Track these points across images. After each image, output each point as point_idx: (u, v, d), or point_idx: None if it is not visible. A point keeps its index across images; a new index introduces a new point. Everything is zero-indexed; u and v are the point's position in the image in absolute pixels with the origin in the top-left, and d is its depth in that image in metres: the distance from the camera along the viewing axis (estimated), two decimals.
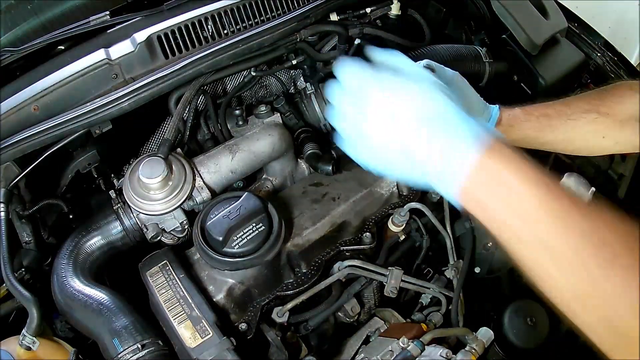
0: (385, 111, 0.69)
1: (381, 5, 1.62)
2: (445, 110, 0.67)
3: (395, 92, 0.69)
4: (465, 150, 0.64)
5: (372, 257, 1.22)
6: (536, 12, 1.62)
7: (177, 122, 1.23)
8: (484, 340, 1.06)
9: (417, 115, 0.68)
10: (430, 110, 0.68)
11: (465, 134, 0.65)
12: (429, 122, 0.67)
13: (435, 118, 0.67)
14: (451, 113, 0.67)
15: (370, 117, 0.70)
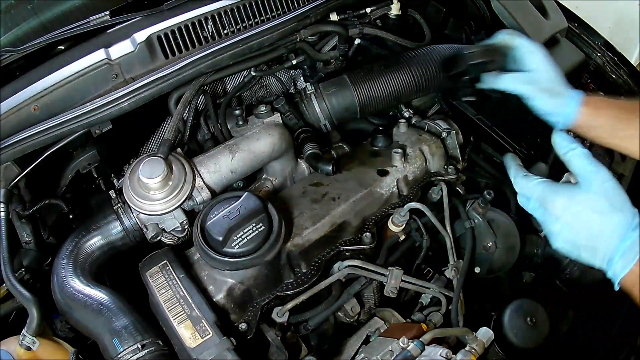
0: (564, 222, 0.88)
1: (381, 5, 1.62)
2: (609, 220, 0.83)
3: (569, 208, 0.87)
4: (629, 260, 0.80)
5: (372, 257, 1.22)
6: (536, 12, 1.62)
7: (177, 122, 1.23)
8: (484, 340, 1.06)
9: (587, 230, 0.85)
10: (597, 221, 0.84)
11: (634, 229, 0.81)
12: (613, 212, 0.83)
13: (616, 210, 0.83)
14: (614, 223, 0.83)
15: (554, 225, 0.90)
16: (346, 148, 1.55)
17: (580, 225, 0.85)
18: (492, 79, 1.18)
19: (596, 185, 0.85)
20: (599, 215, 0.83)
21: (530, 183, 0.94)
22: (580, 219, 0.85)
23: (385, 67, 1.47)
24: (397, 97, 1.48)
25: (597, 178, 0.86)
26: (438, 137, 1.49)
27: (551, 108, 1.11)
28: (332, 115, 1.46)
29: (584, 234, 0.85)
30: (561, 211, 0.87)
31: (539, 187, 0.92)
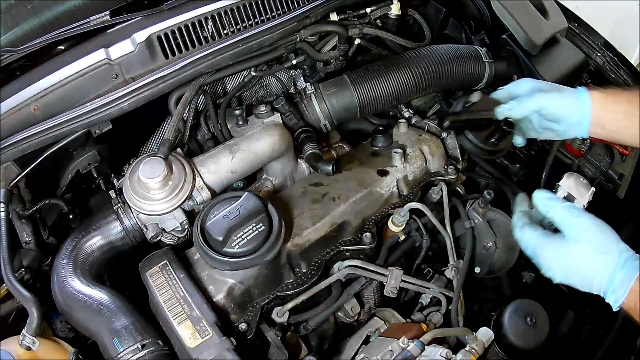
0: (557, 271, 0.95)
1: (381, 5, 1.62)
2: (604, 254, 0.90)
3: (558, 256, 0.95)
4: (628, 279, 0.87)
5: (372, 257, 1.22)
6: (536, 12, 1.62)
7: (177, 122, 1.23)
8: (484, 340, 1.06)
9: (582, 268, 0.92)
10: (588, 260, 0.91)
11: (625, 266, 0.88)
12: (603, 256, 0.90)
13: (604, 254, 0.90)
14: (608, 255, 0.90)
15: (549, 272, 0.97)
16: (346, 148, 1.55)
17: (572, 273, 0.93)
18: (505, 110, 1.18)
19: (580, 235, 0.92)
20: (585, 262, 0.91)
21: (525, 235, 1.00)
22: (570, 268, 0.93)
23: (385, 67, 1.47)
24: (397, 97, 1.48)
25: (580, 228, 0.93)
26: (438, 137, 1.49)
27: (567, 106, 1.12)
28: (332, 115, 1.46)
29: (577, 280, 0.93)
30: (553, 263, 0.95)
31: (533, 241, 0.98)
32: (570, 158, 1.61)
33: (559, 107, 1.13)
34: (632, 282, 0.86)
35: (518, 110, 1.16)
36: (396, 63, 1.48)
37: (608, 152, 1.62)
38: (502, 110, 1.18)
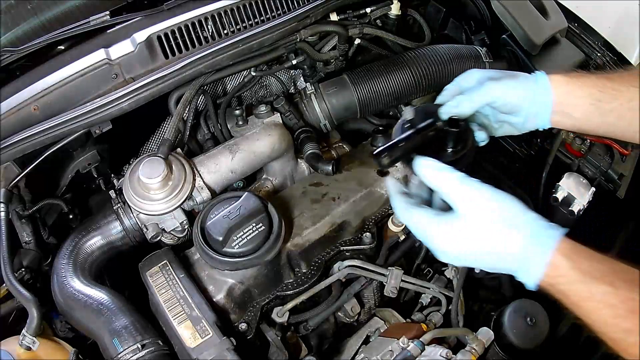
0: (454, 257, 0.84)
1: (381, 5, 1.62)
2: (517, 219, 0.79)
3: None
4: (541, 253, 0.77)
5: (372, 257, 1.22)
6: (536, 12, 1.62)
7: (177, 122, 1.23)
8: (484, 340, 1.06)
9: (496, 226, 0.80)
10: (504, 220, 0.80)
11: (538, 238, 0.78)
12: (508, 230, 0.79)
13: (509, 227, 0.79)
14: (524, 220, 0.79)
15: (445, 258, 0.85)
16: (346, 148, 1.55)
17: (471, 253, 0.81)
18: (451, 108, 0.98)
19: (478, 207, 0.80)
20: (487, 238, 0.80)
21: (414, 217, 0.86)
22: (469, 247, 0.81)
23: (385, 67, 1.47)
24: (397, 97, 1.48)
25: (476, 200, 0.81)
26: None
27: (523, 94, 0.97)
28: (332, 115, 1.46)
29: (481, 259, 0.82)
30: (447, 244, 0.83)
31: (422, 221, 0.85)
32: (570, 158, 1.61)
33: (514, 96, 0.97)
34: (549, 254, 0.76)
35: (465, 105, 0.97)
36: (396, 63, 1.48)
37: (608, 152, 1.62)
38: (446, 110, 0.97)
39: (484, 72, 1.03)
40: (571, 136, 1.60)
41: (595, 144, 1.61)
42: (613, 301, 0.72)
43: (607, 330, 0.73)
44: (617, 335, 0.72)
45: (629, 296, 0.72)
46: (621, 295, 0.72)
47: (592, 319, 0.75)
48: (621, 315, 0.72)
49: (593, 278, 0.74)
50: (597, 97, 0.95)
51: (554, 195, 1.47)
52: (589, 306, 0.74)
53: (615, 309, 0.72)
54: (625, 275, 0.74)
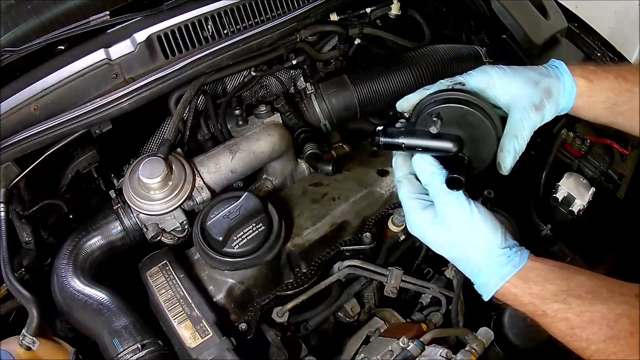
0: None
1: (381, 5, 1.62)
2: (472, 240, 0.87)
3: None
4: (498, 279, 0.84)
5: (372, 257, 1.22)
6: (536, 12, 1.62)
7: (177, 122, 1.23)
8: (484, 340, 1.06)
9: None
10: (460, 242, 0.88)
11: (497, 268, 0.85)
12: (471, 251, 0.87)
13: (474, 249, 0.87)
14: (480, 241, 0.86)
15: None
16: (346, 148, 1.55)
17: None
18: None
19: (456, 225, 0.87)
20: (459, 245, 0.88)
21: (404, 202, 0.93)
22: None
23: (385, 67, 1.47)
24: (397, 97, 1.47)
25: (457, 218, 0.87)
26: None
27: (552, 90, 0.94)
28: (332, 115, 1.46)
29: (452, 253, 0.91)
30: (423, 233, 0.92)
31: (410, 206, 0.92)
32: (570, 158, 1.61)
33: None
34: (503, 282, 0.83)
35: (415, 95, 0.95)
36: (396, 63, 1.48)
37: (608, 152, 1.62)
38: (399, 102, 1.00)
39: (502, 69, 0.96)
40: (571, 136, 1.60)
41: (595, 144, 1.61)
42: (566, 315, 0.77)
43: (567, 340, 0.79)
44: (578, 345, 0.77)
45: (583, 309, 0.76)
46: (574, 309, 0.77)
47: (551, 331, 0.81)
48: (578, 326, 0.76)
49: (543, 299, 0.80)
50: (613, 101, 0.95)
51: (554, 195, 1.47)
52: (544, 321, 0.81)
53: (569, 321, 0.77)
54: (581, 290, 0.79)
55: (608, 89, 0.95)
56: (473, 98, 0.91)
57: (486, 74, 0.95)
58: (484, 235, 0.86)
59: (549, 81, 0.94)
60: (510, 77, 0.94)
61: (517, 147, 0.92)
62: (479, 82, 0.95)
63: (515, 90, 0.93)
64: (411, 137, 0.92)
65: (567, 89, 0.94)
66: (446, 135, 0.89)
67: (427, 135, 0.90)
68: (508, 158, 0.92)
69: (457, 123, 0.90)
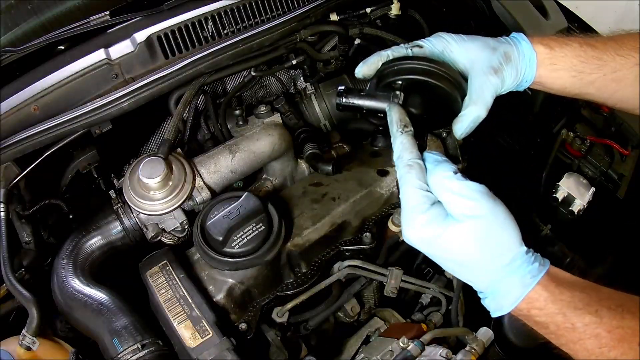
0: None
1: (381, 5, 1.62)
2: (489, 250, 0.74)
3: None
4: (521, 287, 0.73)
5: (372, 257, 1.22)
6: (536, 12, 1.62)
7: (177, 122, 1.23)
8: (484, 340, 1.06)
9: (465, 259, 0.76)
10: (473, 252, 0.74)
11: (520, 273, 0.73)
12: (490, 256, 0.74)
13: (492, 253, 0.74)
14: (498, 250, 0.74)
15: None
16: (346, 148, 1.55)
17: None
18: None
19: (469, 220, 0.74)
20: (468, 253, 0.74)
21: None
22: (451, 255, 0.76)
23: None
24: None
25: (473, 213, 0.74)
26: (438, 137, 1.49)
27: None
28: (332, 115, 1.46)
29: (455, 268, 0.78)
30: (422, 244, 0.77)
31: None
32: (570, 158, 1.61)
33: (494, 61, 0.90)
34: (528, 290, 0.72)
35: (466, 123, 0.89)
36: None
37: (608, 152, 1.62)
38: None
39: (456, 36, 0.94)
40: (571, 136, 1.60)
41: (595, 144, 1.61)
42: (597, 331, 0.68)
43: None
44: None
45: (615, 324, 0.68)
46: (606, 324, 0.68)
47: (574, 349, 0.71)
48: (607, 345, 0.68)
49: (575, 309, 0.70)
50: (579, 68, 0.91)
51: (554, 195, 1.47)
52: (571, 336, 0.70)
53: (599, 339, 0.68)
54: (611, 302, 0.70)
55: (572, 56, 0.91)
56: (437, 67, 0.89)
57: (443, 39, 0.94)
58: (503, 235, 0.74)
59: (507, 47, 0.92)
60: (467, 42, 0.93)
61: (476, 113, 0.88)
62: (436, 45, 0.93)
63: (472, 54, 0.91)
64: (373, 100, 0.90)
65: (527, 55, 0.92)
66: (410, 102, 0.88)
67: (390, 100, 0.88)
68: (465, 122, 0.88)
69: (420, 92, 0.90)
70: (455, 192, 0.75)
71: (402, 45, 0.95)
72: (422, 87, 0.89)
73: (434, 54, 0.93)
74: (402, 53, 0.94)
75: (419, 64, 0.90)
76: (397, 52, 0.94)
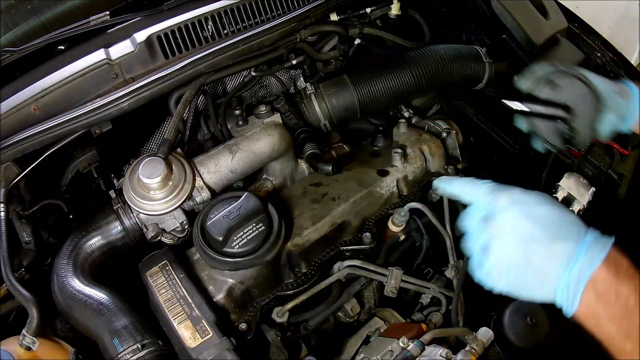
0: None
1: (381, 5, 1.62)
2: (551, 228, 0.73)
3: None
4: (587, 266, 0.69)
5: (372, 257, 1.22)
6: (536, 12, 1.62)
7: (177, 122, 1.23)
8: (484, 340, 1.06)
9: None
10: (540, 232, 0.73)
11: (582, 250, 0.71)
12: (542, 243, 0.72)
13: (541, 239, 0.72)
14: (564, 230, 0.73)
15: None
16: (346, 148, 1.55)
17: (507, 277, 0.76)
18: None
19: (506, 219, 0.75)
20: (522, 257, 0.73)
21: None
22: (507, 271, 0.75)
23: (385, 67, 1.47)
24: (397, 97, 1.48)
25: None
26: (438, 137, 1.49)
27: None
28: (332, 115, 1.46)
29: (516, 285, 0.76)
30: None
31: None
32: (570, 158, 1.61)
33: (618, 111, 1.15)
34: (588, 278, 0.68)
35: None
36: (396, 63, 1.48)
37: (608, 152, 1.62)
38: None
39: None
40: None
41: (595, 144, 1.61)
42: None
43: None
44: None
45: None
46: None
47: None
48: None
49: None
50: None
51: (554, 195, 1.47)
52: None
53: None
54: None
55: None
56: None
57: None
58: (561, 215, 0.75)
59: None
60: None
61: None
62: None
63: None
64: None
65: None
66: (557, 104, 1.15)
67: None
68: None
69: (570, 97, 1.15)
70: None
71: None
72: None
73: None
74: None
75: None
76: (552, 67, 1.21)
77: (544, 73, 1.20)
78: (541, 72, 1.21)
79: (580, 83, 1.16)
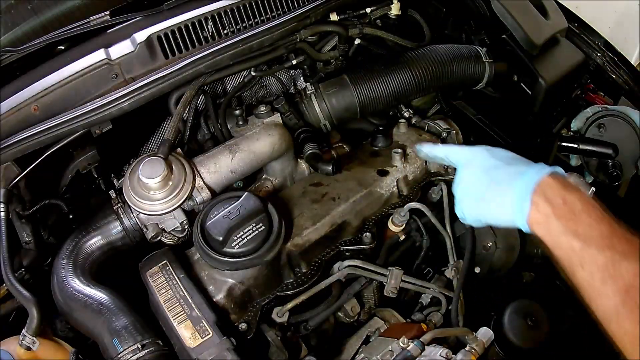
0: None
1: (381, 5, 1.62)
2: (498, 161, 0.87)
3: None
4: (535, 175, 0.78)
5: (372, 257, 1.22)
6: (536, 12, 1.62)
7: (177, 122, 1.23)
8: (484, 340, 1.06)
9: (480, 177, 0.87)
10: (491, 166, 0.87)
11: (533, 167, 0.81)
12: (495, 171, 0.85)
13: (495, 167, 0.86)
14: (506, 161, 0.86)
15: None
16: (346, 148, 1.55)
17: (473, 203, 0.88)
18: None
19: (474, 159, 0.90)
20: (484, 184, 0.85)
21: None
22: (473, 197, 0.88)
23: (385, 67, 1.47)
24: (397, 97, 1.48)
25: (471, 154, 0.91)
26: (438, 137, 1.49)
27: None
28: (332, 115, 1.46)
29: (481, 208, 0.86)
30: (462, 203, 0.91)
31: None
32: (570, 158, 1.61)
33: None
34: (532, 189, 0.76)
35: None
36: (396, 63, 1.48)
37: None
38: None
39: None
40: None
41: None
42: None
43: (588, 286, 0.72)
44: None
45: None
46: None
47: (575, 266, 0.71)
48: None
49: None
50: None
51: None
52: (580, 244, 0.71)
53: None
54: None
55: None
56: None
57: None
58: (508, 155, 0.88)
59: None
60: None
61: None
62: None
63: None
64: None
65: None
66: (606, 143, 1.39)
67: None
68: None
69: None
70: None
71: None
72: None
73: None
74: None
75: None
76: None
77: (593, 114, 1.44)
78: (591, 113, 1.44)
79: (626, 124, 1.38)
